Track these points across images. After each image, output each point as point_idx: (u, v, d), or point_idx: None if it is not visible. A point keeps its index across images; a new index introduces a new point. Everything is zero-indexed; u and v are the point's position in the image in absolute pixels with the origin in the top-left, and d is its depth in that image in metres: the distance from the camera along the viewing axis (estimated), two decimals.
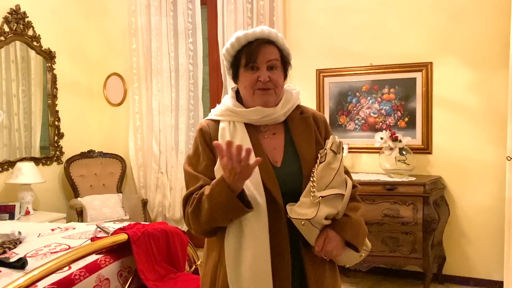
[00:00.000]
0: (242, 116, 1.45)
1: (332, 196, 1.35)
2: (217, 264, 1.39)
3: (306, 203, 1.33)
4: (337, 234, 1.37)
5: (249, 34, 1.43)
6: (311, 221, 1.30)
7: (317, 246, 1.35)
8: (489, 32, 3.55)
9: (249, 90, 1.44)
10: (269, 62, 1.43)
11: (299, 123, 1.50)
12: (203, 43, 4.60)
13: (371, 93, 3.98)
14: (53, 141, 4.54)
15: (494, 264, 3.55)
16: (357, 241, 1.42)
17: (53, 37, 4.51)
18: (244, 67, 1.44)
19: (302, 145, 1.45)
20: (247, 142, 1.39)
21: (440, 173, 3.75)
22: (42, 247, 2.48)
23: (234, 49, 1.46)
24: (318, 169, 1.39)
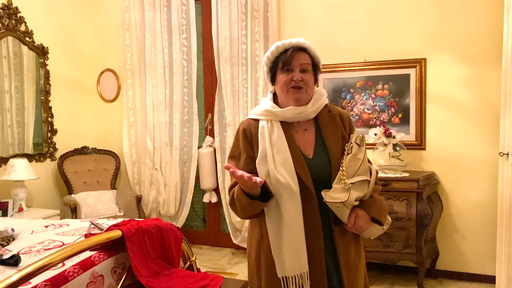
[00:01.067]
0: (278, 116, 1.70)
1: (359, 182, 1.61)
2: (260, 240, 1.69)
3: (339, 189, 1.59)
4: (365, 212, 1.65)
5: (286, 43, 1.71)
6: (344, 203, 1.57)
7: (349, 223, 1.62)
8: (482, 29, 3.57)
9: (284, 89, 1.69)
10: (301, 65, 1.69)
11: (328, 120, 1.74)
12: (197, 39, 4.59)
13: (365, 89, 3.99)
14: (46, 138, 4.51)
15: (487, 259, 3.58)
16: (381, 217, 1.70)
17: (46, 32, 4.47)
18: (280, 70, 1.70)
19: (330, 140, 1.69)
20: (282, 138, 1.66)
21: (434, 169, 3.77)
22: (36, 244, 2.47)
23: (273, 55, 1.74)
24: (346, 160, 1.64)
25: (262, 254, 1.68)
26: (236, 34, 4.32)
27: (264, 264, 1.67)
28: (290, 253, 1.59)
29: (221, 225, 4.81)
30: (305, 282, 1.59)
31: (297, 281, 1.59)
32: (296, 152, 1.64)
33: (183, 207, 4.70)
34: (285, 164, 1.60)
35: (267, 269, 1.66)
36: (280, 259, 1.61)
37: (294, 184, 1.58)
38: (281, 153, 1.62)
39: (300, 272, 1.59)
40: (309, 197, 1.61)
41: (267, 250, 1.64)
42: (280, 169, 1.60)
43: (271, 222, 1.62)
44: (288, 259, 1.59)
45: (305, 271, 1.60)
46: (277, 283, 1.62)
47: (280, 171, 1.59)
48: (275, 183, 1.59)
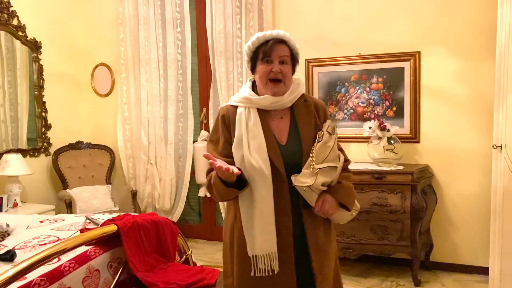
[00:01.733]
0: (255, 103, 1.76)
1: (327, 168, 1.69)
2: (234, 220, 1.78)
3: (307, 174, 1.67)
4: (331, 197, 1.72)
5: (267, 35, 1.76)
6: (310, 187, 1.65)
7: (316, 206, 1.71)
8: (476, 22, 3.58)
9: (263, 80, 1.76)
10: (281, 57, 1.74)
11: (303, 109, 1.82)
12: (192, 33, 4.57)
13: (360, 82, 4.00)
14: (40, 133, 4.49)
15: (480, 251, 3.62)
16: (348, 202, 1.77)
17: (39, 27, 4.44)
18: (260, 60, 1.76)
19: (304, 128, 1.77)
20: (258, 124, 1.73)
21: (428, 161, 3.79)
22: (31, 239, 2.47)
23: (254, 45, 1.79)
24: (316, 147, 1.72)
25: (235, 234, 1.76)
26: (231, 27, 4.31)
27: (236, 244, 1.75)
28: (260, 234, 1.67)
29: (216, 219, 4.82)
30: (273, 261, 1.68)
31: (265, 260, 1.68)
32: (270, 139, 1.72)
33: (179, 201, 4.71)
34: (259, 150, 1.68)
35: (239, 248, 1.74)
36: (251, 238, 1.69)
37: (266, 168, 1.66)
38: (256, 139, 1.69)
39: (269, 251, 1.67)
40: (280, 181, 1.69)
41: (240, 230, 1.73)
42: (254, 154, 1.67)
43: (244, 204, 1.70)
44: (259, 239, 1.67)
45: (274, 251, 1.68)
46: (248, 261, 1.71)
47: (254, 156, 1.66)
48: (248, 167, 1.66)
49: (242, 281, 1.74)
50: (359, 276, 3.69)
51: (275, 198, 1.67)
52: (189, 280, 2.27)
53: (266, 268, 1.68)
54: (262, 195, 1.66)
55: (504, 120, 2.84)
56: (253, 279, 1.70)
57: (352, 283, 3.55)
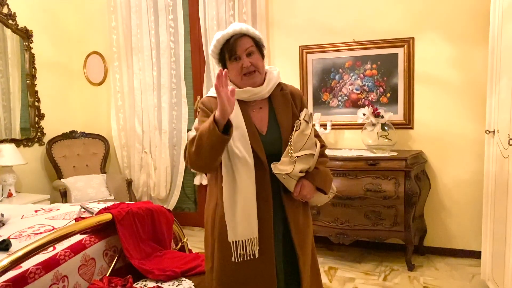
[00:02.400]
0: (236, 95, 1.73)
1: (305, 156, 1.77)
2: (215, 207, 1.81)
3: (286, 162, 1.76)
4: (309, 182, 1.82)
5: (225, 34, 1.79)
6: (289, 174, 1.74)
7: (295, 192, 1.80)
8: (469, 8, 3.57)
9: (238, 77, 1.81)
10: (246, 50, 1.78)
11: (280, 99, 1.88)
12: (184, 20, 4.53)
13: (354, 69, 3.99)
14: (33, 122, 4.47)
15: (473, 235, 3.67)
16: (325, 186, 1.87)
17: (29, 15, 4.38)
18: (229, 60, 1.80)
19: (282, 117, 1.84)
20: (239, 115, 1.77)
21: (422, 147, 3.81)
22: (26, 229, 2.47)
23: (217, 48, 1.83)
24: (294, 135, 1.78)
25: (216, 219, 1.80)
26: (224, 14, 4.28)
27: (217, 229, 1.79)
28: (242, 219, 1.72)
29: None
30: (254, 247, 1.73)
31: (246, 245, 1.73)
32: (251, 129, 1.77)
33: (174, 189, 4.71)
34: (242, 139, 1.73)
35: (220, 234, 1.78)
36: (232, 225, 1.73)
37: (249, 157, 1.72)
38: (238, 129, 1.73)
39: (250, 237, 1.73)
40: (262, 169, 1.75)
41: (221, 216, 1.76)
42: (237, 143, 1.72)
43: (227, 190, 1.74)
44: (240, 225, 1.72)
45: (255, 236, 1.73)
46: (228, 247, 1.75)
47: (237, 146, 1.71)
48: (232, 156, 1.71)
49: (223, 266, 1.78)
50: (354, 262, 3.73)
51: (257, 185, 1.73)
52: (184, 267, 2.29)
53: (246, 253, 1.73)
54: (245, 182, 1.71)
55: (496, 106, 2.85)
56: (233, 264, 1.75)
57: (346, 268, 3.59)
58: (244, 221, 1.72)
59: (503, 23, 2.75)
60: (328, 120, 4.00)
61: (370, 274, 3.49)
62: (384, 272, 3.51)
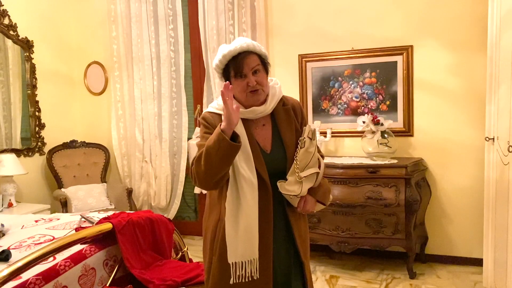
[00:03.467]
0: (241, 114, 1.75)
1: (310, 175, 1.80)
2: (217, 222, 1.79)
3: (292, 181, 1.77)
4: (312, 197, 1.86)
5: (232, 50, 1.76)
6: (297, 195, 1.78)
7: (298, 207, 1.83)
8: (468, 15, 3.59)
9: (242, 94, 1.78)
10: (253, 68, 1.76)
11: (283, 115, 1.87)
12: (184, 30, 4.56)
13: (353, 77, 4.01)
14: (34, 132, 4.47)
15: (474, 243, 3.65)
16: (325, 199, 1.92)
17: (30, 25, 4.41)
18: (234, 77, 1.77)
19: (286, 134, 1.84)
20: (244, 135, 1.74)
21: (422, 155, 3.81)
22: (26, 239, 2.47)
23: (222, 63, 1.79)
24: (299, 153, 1.79)
25: (218, 236, 1.78)
26: (223, 24, 4.30)
27: (218, 247, 1.77)
28: (244, 240, 1.70)
29: None
30: (254, 268, 1.72)
31: (246, 266, 1.71)
32: (255, 148, 1.76)
33: (174, 198, 4.71)
34: (247, 160, 1.72)
35: (220, 254, 1.76)
36: (234, 245, 1.71)
37: (254, 178, 1.72)
38: (243, 149, 1.70)
39: (250, 258, 1.71)
40: (265, 189, 1.75)
41: (223, 234, 1.74)
42: (242, 163, 1.71)
43: (230, 210, 1.72)
44: (241, 246, 1.70)
45: (255, 258, 1.72)
46: (227, 267, 1.73)
47: (242, 166, 1.71)
48: (238, 176, 1.71)
49: (219, 285, 1.76)
50: (355, 270, 3.71)
51: (259, 206, 1.72)
52: (185, 277, 2.29)
53: (245, 275, 1.71)
54: (249, 203, 1.70)
55: (496, 113, 2.86)
56: (231, 286, 1.73)
57: (347, 276, 3.58)
58: (245, 242, 1.70)
59: (501, 31, 2.76)
60: (328, 128, 4.00)
61: (371, 282, 3.47)
62: (385, 280, 3.50)
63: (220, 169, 1.65)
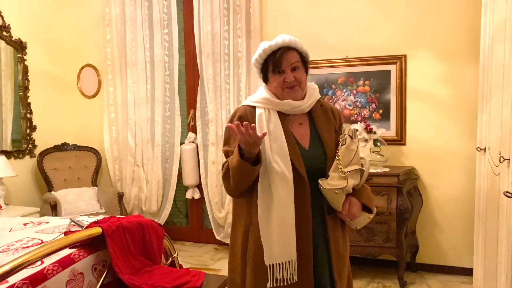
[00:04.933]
0: (276, 106, 1.73)
1: (354, 171, 1.70)
2: (248, 226, 1.70)
3: (336, 177, 1.67)
4: (357, 200, 1.72)
5: (273, 45, 1.72)
6: (343, 189, 1.65)
7: (344, 209, 1.69)
8: (461, 26, 3.62)
9: (279, 89, 1.74)
10: (292, 65, 1.72)
11: (321, 115, 1.82)
12: (179, 34, 4.56)
13: (347, 85, 4.02)
14: (25, 134, 4.43)
15: (465, 252, 3.66)
16: (371, 204, 1.77)
17: (24, 27, 4.39)
18: (272, 72, 1.74)
19: (325, 133, 1.77)
20: (279, 127, 1.69)
21: (414, 164, 3.83)
22: (14, 242, 2.43)
23: (262, 58, 1.75)
24: (341, 150, 1.73)
25: (250, 240, 1.69)
26: (218, 29, 4.31)
27: (252, 251, 1.67)
28: (279, 240, 1.61)
29: (204, 221, 4.81)
30: (292, 270, 1.62)
31: (284, 268, 1.61)
32: (291, 142, 1.68)
33: (166, 203, 4.68)
34: (281, 152, 1.64)
35: (255, 256, 1.66)
36: (268, 246, 1.62)
37: (288, 172, 1.62)
38: (277, 141, 1.65)
39: (288, 259, 1.61)
40: (302, 186, 1.65)
41: (256, 236, 1.65)
42: (275, 157, 1.63)
43: (262, 207, 1.64)
44: (277, 246, 1.61)
45: (293, 259, 1.62)
46: (263, 270, 1.63)
47: (275, 159, 1.63)
48: (270, 170, 1.63)
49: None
50: None
51: (296, 203, 1.62)
52: (174, 283, 2.26)
53: (284, 277, 1.62)
54: (283, 199, 1.61)
55: (487, 123, 2.88)
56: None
57: None
58: (281, 241, 1.61)
59: (493, 41, 2.78)
60: None
61: None
62: None
63: (247, 184, 1.63)
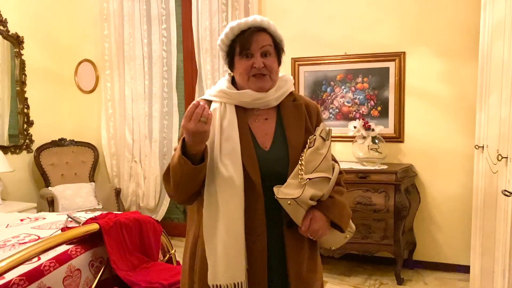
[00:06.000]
0: (234, 98, 1.49)
1: (318, 179, 1.39)
2: (196, 240, 1.45)
3: (293, 185, 1.37)
4: (322, 214, 1.41)
5: (242, 23, 1.47)
6: (296, 200, 1.34)
7: (303, 225, 1.39)
8: (460, 23, 3.62)
9: (244, 77, 1.49)
10: (262, 48, 1.47)
11: (291, 110, 1.54)
12: (177, 30, 4.53)
13: (345, 82, 4.01)
14: (22, 129, 4.41)
15: (462, 250, 3.67)
16: (342, 221, 1.46)
17: (21, 21, 4.36)
18: (239, 55, 1.49)
19: (292, 131, 1.49)
20: (233, 124, 1.44)
21: (412, 161, 3.83)
22: (11, 238, 2.42)
23: (229, 38, 1.50)
24: (306, 153, 1.43)
25: (197, 256, 1.44)
26: (217, 25, 4.29)
27: (198, 269, 1.42)
28: (224, 257, 1.35)
29: None
30: None
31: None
32: (247, 142, 1.42)
33: (163, 199, 4.67)
34: (232, 154, 1.38)
35: (200, 275, 1.41)
36: (213, 263, 1.37)
37: (238, 178, 1.36)
38: (230, 141, 1.40)
39: (235, 281, 1.35)
40: (255, 195, 1.38)
41: (203, 252, 1.40)
42: (225, 159, 1.38)
43: (207, 218, 1.39)
44: (222, 264, 1.35)
45: (242, 281, 1.36)
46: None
47: (224, 162, 1.37)
48: (216, 174, 1.37)
49: None
50: (343, 275, 3.71)
51: (246, 214, 1.36)
52: (171, 280, 2.26)
53: None
54: (230, 209, 1.35)
55: (485, 121, 2.87)
56: None
57: (335, 281, 3.57)
58: (227, 259, 1.34)
59: (492, 40, 2.78)
60: None
61: (359, 287, 3.47)
62: (373, 285, 3.50)
63: (191, 189, 1.38)
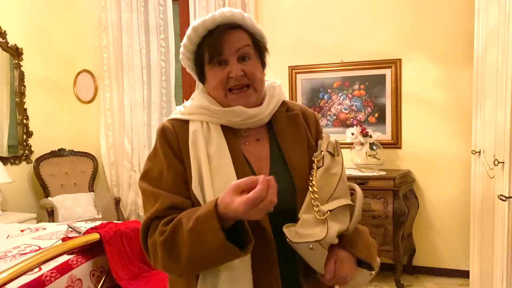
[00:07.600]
0: (219, 116, 1.13)
1: (339, 209, 1.04)
2: None
3: (310, 221, 1.02)
4: (348, 253, 1.06)
5: (208, 21, 1.11)
6: (321, 242, 0.99)
7: (328, 272, 1.04)
8: (455, 30, 3.66)
9: (221, 92, 1.13)
10: (238, 51, 1.12)
11: (286, 124, 1.20)
12: (175, 40, 4.57)
13: (342, 89, 4.04)
14: (21, 140, 4.42)
15: (461, 255, 3.68)
16: (371, 257, 1.11)
17: (20, 32, 4.39)
18: (209, 64, 1.13)
19: (291, 151, 1.15)
20: (224, 149, 1.08)
21: (409, 167, 3.85)
22: (11, 249, 2.43)
23: (193, 43, 1.15)
24: (316, 177, 1.09)
25: None
26: None
27: None
28: None
29: None
30: None
31: None
32: (244, 173, 1.06)
33: None
34: None
35: None
36: None
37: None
38: (222, 173, 1.06)
39: None
40: (264, 243, 1.04)
41: None
42: None
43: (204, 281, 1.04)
44: None
45: None
46: None
47: None
48: None
49: None
50: None
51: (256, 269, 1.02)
52: None
53: None
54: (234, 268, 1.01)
55: (482, 126, 2.90)
56: None
57: None
58: None
59: (486, 46, 2.81)
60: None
61: None
62: None
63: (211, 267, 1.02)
